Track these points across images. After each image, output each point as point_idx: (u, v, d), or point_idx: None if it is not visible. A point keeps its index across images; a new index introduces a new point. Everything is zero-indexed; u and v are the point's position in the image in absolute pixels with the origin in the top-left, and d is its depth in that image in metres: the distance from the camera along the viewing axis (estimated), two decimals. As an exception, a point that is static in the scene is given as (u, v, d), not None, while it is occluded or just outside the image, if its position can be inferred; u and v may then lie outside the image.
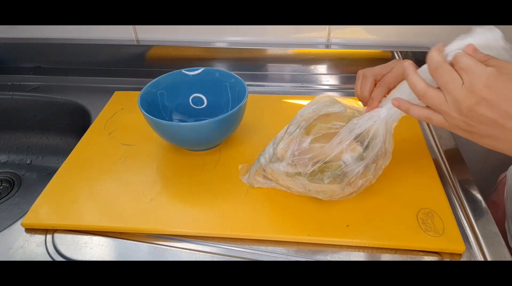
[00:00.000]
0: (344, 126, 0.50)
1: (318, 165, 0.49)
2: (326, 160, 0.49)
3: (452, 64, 0.41)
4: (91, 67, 0.90)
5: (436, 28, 0.81)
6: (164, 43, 0.86)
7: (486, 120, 0.39)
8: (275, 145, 0.53)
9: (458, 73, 0.39)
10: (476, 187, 0.58)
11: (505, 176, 0.70)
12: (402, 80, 0.49)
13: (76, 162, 0.63)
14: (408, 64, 0.44)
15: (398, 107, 0.46)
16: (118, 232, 0.53)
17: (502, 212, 0.67)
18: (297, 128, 0.52)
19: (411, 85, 0.43)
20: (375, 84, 0.51)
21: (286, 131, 0.54)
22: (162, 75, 0.66)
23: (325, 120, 0.52)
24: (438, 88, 0.42)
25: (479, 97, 0.38)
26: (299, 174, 0.50)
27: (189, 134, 0.59)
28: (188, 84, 0.68)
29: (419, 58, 0.84)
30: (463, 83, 0.39)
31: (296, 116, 0.54)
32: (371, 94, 0.51)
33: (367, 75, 0.52)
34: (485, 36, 0.41)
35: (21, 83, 0.86)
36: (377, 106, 0.50)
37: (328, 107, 0.52)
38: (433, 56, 0.42)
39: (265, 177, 0.56)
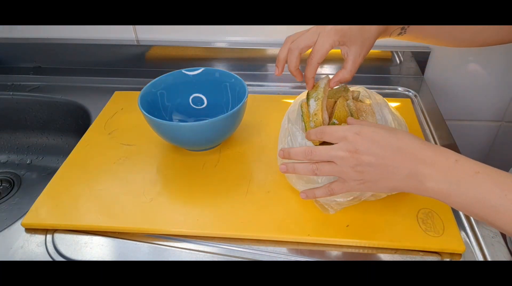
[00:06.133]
0: None
1: None
2: None
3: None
4: (91, 67, 0.90)
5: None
6: (164, 43, 0.86)
7: (372, 163, 0.42)
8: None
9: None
10: (476, 187, 0.58)
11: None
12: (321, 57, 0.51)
13: (76, 162, 0.63)
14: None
15: (286, 171, 0.49)
16: (118, 232, 0.53)
17: None
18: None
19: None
20: (300, 54, 0.53)
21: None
22: (162, 75, 0.66)
23: None
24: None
25: (358, 146, 0.42)
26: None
27: (189, 134, 0.59)
28: (188, 84, 0.68)
29: (418, 59, 0.84)
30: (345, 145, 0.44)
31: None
32: (297, 66, 0.53)
33: (292, 49, 0.52)
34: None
35: (21, 83, 0.86)
36: (313, 82, 0.54)
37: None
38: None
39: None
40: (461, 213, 0.54)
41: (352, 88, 0.59)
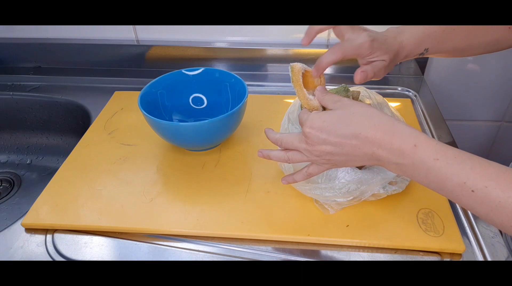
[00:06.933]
0: None
1: None
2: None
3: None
4: (91, 67, 0.90)
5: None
6: (164, 43, 0.86)
7: (332, 152, 0.43)
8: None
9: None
10: (476, 187, 0.58)
11: None
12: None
13: (76, 162, 0.63)
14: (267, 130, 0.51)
15: (262, 156, 0.51)
16: (118, 232, 0.53)
17: None
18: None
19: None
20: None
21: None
22: (162, 75, 0.66)
23: None
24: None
25: (313, 139, 0.44)
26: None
27: (189, 134, 0.59)
28: (188, 84, 0.68)
29: (418, 59, 0.84)
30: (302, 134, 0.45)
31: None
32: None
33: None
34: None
35: (21, 83, 0.86)
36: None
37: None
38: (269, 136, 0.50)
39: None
40: (461, 213, 0.54)
41: (352, 88, 0.59)
